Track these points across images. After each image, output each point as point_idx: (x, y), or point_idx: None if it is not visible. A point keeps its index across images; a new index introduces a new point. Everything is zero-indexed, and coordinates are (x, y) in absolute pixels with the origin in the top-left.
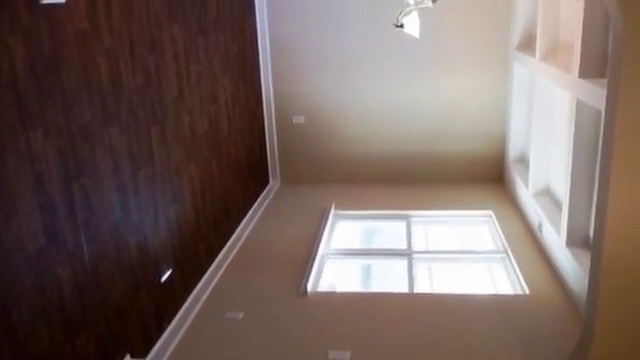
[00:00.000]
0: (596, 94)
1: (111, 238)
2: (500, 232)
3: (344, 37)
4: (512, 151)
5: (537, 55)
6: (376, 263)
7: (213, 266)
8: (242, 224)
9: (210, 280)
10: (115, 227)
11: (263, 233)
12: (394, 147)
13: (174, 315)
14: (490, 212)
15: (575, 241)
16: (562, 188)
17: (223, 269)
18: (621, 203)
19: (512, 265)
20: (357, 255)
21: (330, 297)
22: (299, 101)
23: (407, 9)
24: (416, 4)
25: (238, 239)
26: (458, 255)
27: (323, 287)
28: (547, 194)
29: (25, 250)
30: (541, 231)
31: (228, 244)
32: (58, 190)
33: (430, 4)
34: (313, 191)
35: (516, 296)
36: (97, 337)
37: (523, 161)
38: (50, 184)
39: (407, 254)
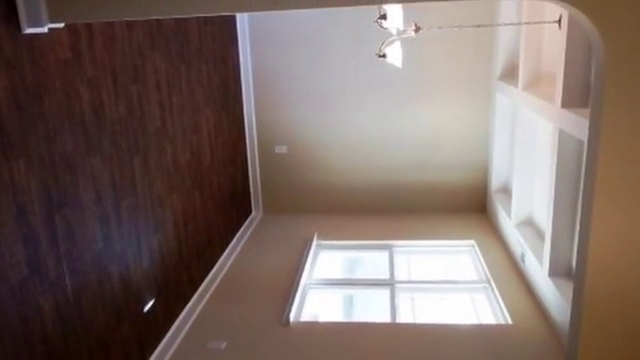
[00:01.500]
0: (578, 124)
1: (93, 268)
2: (483, 262)
3: (326, 68)
4: (495, 181)
5: (519, 85)
6: (359, 293)
7: (196, 296)
8: (225, 254)
9: (193, 310)
10: (97, 257)
11: (246, 263)
12: (376, 177)
13: (157, 345)
14: (473, 242)
15: (557, 271)
16: (544, 218)
17: (206, 299)
18: (603, 233)
19: (495, 295)
20: (340, 285)
21: (312, 327)
22: (281, 131)
23: (390, 39)
24: (398, 34)
25: (221, 269)
26: (441, 285)
27: (306, 317)
28: (530, 224)
29: (8, 281)
30: (524, 261)
31: (211, 274)
32: (40, 221)
33: (413, 34)
34: (296, 221)
35: (499, 326)
36: None
37: (506, 191)
38: (32, 215)
39: (389, 284)
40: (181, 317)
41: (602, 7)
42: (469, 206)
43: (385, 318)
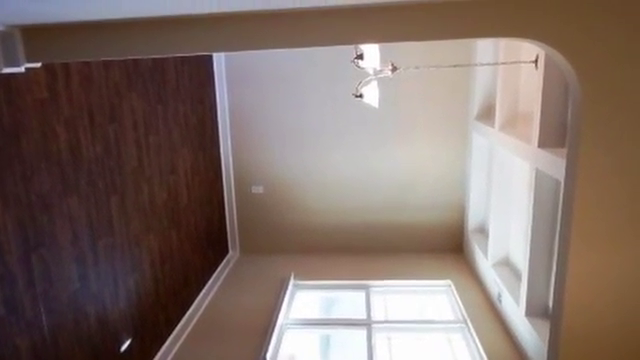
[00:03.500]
0: (555, 164)
1: (70, 308)
2: (459, 302)
3: (303, 107)
4: (471, 221)
5: (496, 125)
6: (335, 333)
7: (172, 336)
8: (201, 294)
9: (169, 350)
10: (74, 297)
11: (222, 303)
12: (353, 217)
13: None
14: (449, 282)
15: (534, 311)
16: (521, 258)
17: (182, 339)
18: (580, 273)
19: (471, 335)
20: (316, 325)
21: None
22: (258, 171)
23: (366, 79)
24: (375, 74)
25: (197, 309)
26: (417, 325)
27: (282, 357)
28: (506, 264)
29: None
30: (500, 301)
31: (187, 314)
32: (17, 260)
33: (389, 74)
34: (272, 261)
35: None
36: None
37: (482, 231)
38: (9, 255)
39: (366, 324)
40: (157, 357)
41: (579, 47)
42: (446, 246)
43: (362, 358)
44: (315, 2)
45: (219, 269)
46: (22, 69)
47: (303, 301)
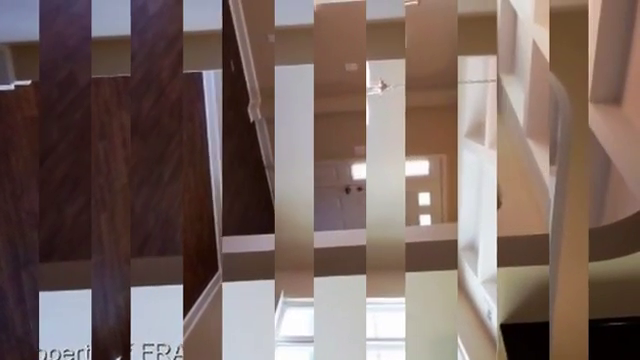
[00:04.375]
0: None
1: None
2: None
3: (293, 123)
4: (461, 238)
5: (487, 142)
6: None
7: None
8: (191, 312)
9: None
10: None
11: (211, 320)
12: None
13: None
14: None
15: None
16: None
17: None
18: (569, 291)
19: (461, 353)
20: (306, 343)
21: None
22: None
23: None
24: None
25: (187, 326)
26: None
27: None
28: (496, 281)
29: None
30: (490, 318)
31: None
32: (7, 278)
33: (379, 92)
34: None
35: None
36: None
37: (472, 248)
38: None
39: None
40: None
41: (569, 64)
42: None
43: None
44: (305, 19)
45: (209, 286)
46: (12, 86)
47: (293, 318)
